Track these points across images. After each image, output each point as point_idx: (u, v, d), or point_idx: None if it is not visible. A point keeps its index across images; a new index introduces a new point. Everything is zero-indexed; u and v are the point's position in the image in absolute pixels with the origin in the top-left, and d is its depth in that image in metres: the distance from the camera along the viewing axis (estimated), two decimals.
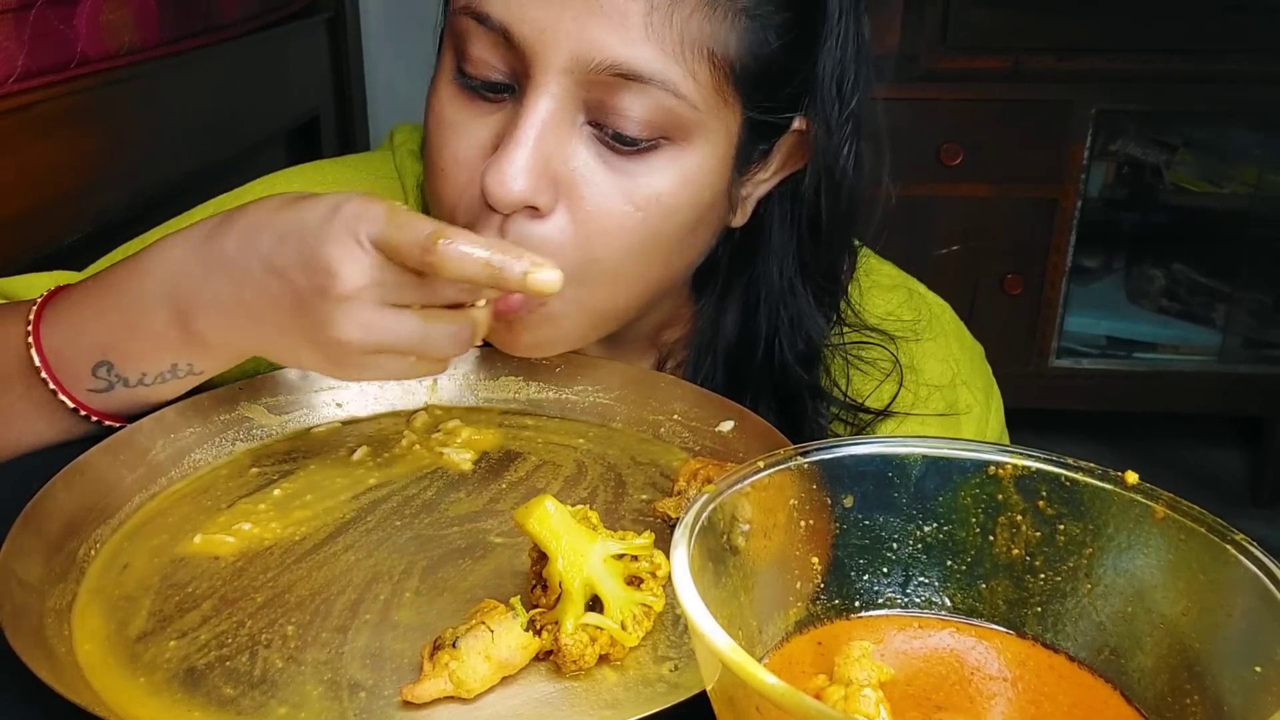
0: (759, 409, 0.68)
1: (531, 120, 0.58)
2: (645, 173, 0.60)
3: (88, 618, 0.50)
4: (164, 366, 0.59)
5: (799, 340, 0.72)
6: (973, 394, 0.79)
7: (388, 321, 0.53)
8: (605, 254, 0.62)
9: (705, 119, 0.60)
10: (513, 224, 0.60)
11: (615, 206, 0.60)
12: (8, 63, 1.00)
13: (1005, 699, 0.39)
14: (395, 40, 2.26)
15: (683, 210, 0.62)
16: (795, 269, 0.71)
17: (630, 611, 0.47)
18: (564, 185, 0.60)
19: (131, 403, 0.60)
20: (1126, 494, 0.39)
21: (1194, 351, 2.16)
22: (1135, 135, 2.14)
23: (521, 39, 0.57)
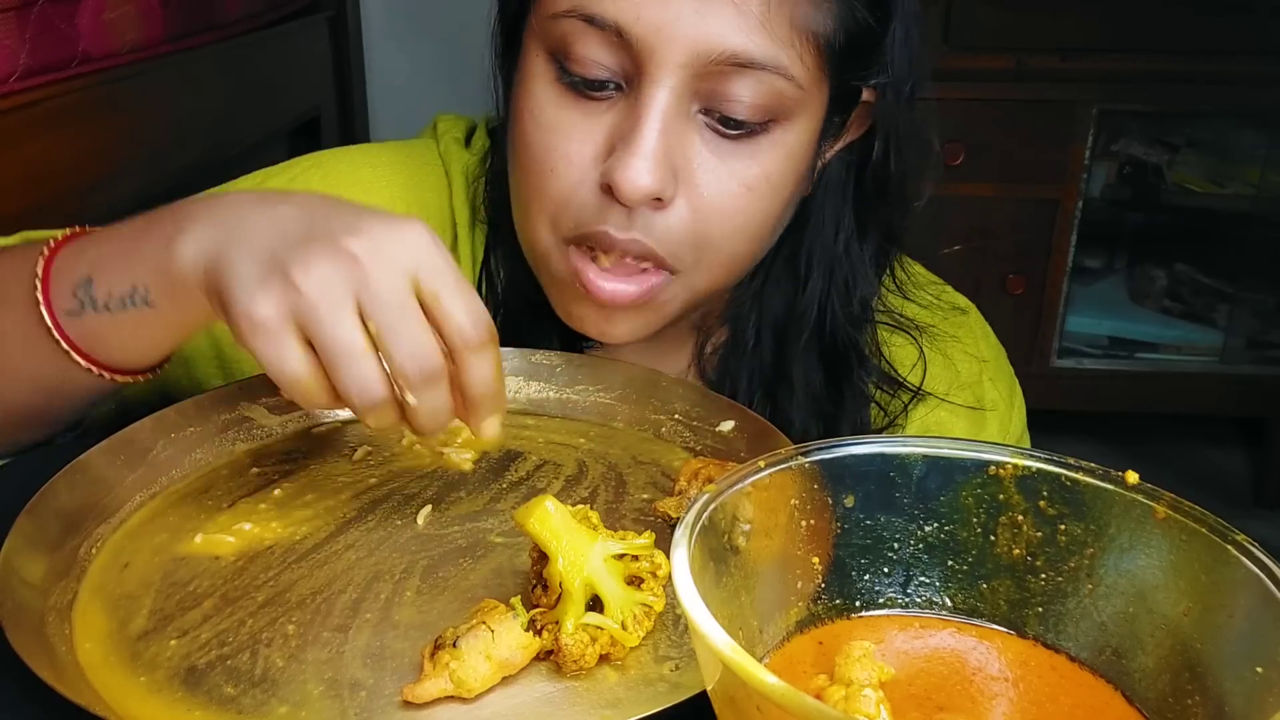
0: (805, 373, 0.72)
1: (653, 115, 0.60)
2: (753, 154, 0.63)
3: (88, 616, 0.50)
4: (125, 288, 0.55)
5: (852, 300, 0.74)
6: (998, 391, 0.81)
7: (344, 315, 0.49)
8: (719, 235, 0.64)
9: (807, 98, 0.62)
10: (638, 215, 0.62)
11: (730, 189, 0.63)
12: (10, 60, 1.00)
13: (1006, 699, 0.39)
14: (396, 39, 2.26)
15: (787, 185, 0.65)
16: (852, 230, 0.73)
17: (631, 611, 0.47)
18: (682, 175, 0.62)
19: (95, 335, 0.57)
20: (1128, 494, 0.39)
21: (1196, 352, 2.16)
22: (1137, 135, 2.14)
23: (638, 37, 0.59)
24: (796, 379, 0.74)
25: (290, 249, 0.49)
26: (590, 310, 0.67)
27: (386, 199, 0.74)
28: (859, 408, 0.75)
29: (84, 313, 0.57)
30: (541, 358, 0.71)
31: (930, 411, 0.77)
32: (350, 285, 0.49)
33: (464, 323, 0.50)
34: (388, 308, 0.49)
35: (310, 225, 0.51)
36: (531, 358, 0.71)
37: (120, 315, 0.56)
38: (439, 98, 0.71)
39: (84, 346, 0.58)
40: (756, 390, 0.75)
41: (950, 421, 0.77)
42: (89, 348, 0.58)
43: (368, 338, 0.49)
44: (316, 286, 0.48)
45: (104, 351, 0.58)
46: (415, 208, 0.75)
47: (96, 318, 0.56)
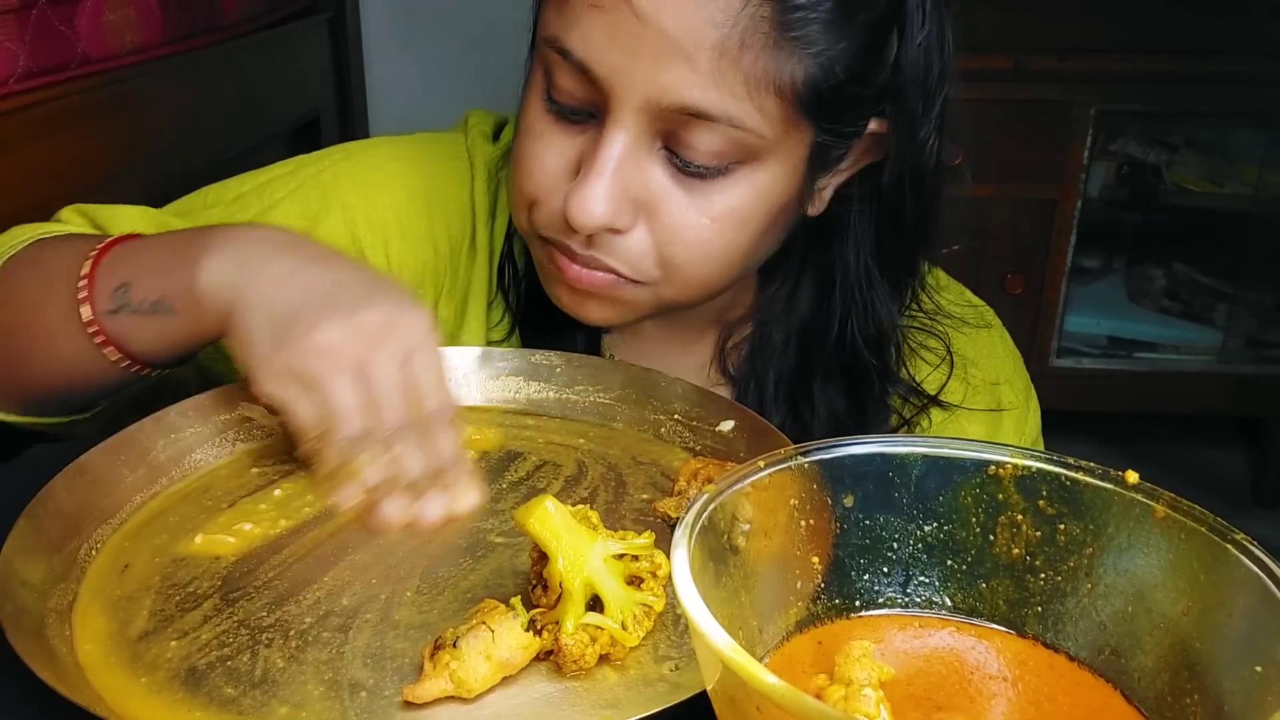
0: (827, 387, 0.74)
1: (609, 152, 0.62)
2: (719, 190, 0.64)
3: (89, 617, 0.50)
4: (155, 295, 0.61)
5: (870, 324, 0.75)
6: (1015, 393, 0.81)
7: (345, 377, 0.54)
8: (684, 262, 0.65)
9: (774, 143, 0.63)
10: (598, 239, 0.65)
11: (692, 220, 0.64)
12: (9, 63, 1.00)
13: (1005, 699, 0.39)
14: (396, 40, 2.26)
15: (756, 219, 0.65)
16: (872, 255, 0.73)
17: (631, 611, 0.47)
18: (642, 204, 0.64)
19: (121, 331, 0.62)
20: (1127, 494, 0.39)
21: (1195, 351, 2.16)
22: (1136, 135, 2.14)
23: (600, 78, 0.61)
24: (817, 392, 0.75)
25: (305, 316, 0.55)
26: (564, 291, 0.69)
27: (407, 192, 0.77)
28: (881, 422, 0.77)
29: (120, 314, 0.62)
30: (541, 358, 0.71)
31: (948, 418, 0.78)
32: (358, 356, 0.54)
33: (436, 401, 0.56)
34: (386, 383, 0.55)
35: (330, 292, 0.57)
36: (531, 358, 0.71)
37: (148, 318, 0.61)
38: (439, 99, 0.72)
39: (114, 341, 0.62)
40: (780, 395, 0.77)
41: (964, 428, 0.78)
42: (118, 343, 0.62)
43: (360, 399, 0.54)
44: (330, 358, 0.54)
45: (130, 347, 0.62)
46: (434, 198, 0.78)
47: (129, 319, 0.62)
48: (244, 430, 0.65)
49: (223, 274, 0.58)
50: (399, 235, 0.76)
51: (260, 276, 0.57)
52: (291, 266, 0.58)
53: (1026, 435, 0.81)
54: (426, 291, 0.78)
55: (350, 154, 0.80)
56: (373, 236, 0.76)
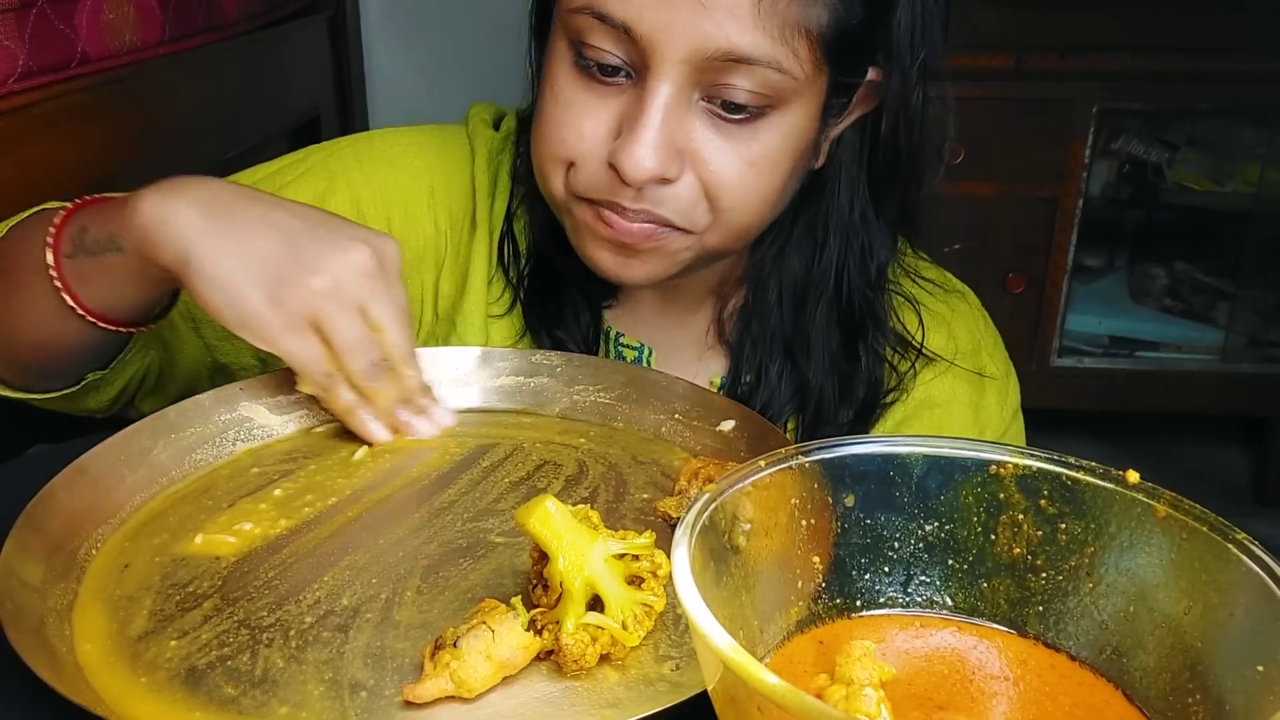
0: (823, 335, 0.77)
1: (655, 105, 0.65)
2: (754, 135, 0.67)
3: (88, 617, 0.49)
4: (105, 234, 0.65)
5: (870, 267, 0.78)
6: (996, 365, 0.84)
7: (351, 309, 0.62)
8: (728, 205, 0.69)
9: (803, 86, 0.66)
10: (647, 191, 0.67)
11: (734, 166, 0.67)
12: (8, 62, 1.00)
13: (1007, 698, 0.39)
14: (395, 39, 2.26)
15: (787, 162, 0.70)
16: (867, 200, 0.77)
17: (631, 611, 0.47)
18: (688, 154, 0.67)
19: (77, 275, 0.66)
20: (1128, 493, 0.39)
21: (1196, 350, 2.16)
22: (1137, 134, 2.14)
23: (642, 35, 0.63)
24: (815, 340, 0.78)
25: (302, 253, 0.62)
26: (607, 252, 0.71)
27: (410, 171, 0.81)
28: (874, 366, 0.79)
29: (76, 257, 0.66)
30: (541, 358, 0.71)
31: (937, 376, 0.81)
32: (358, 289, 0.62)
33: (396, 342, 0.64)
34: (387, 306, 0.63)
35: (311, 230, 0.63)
36: (532, 358, 0.71)
37: (100, 260, 0.65)
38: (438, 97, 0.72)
39: (70, 287, 0.66)
40: (777, 351, 0.79)
41: (953, 386, 0.81)
42: (74, 288, 0.66)
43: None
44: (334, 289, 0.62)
45: (85, 291, 0.66)
46: (436, 177, 0.82)
47: (84, 262, 0.66)
48: (244, 430, 0.65)
49: (175, 211, 0.62)
50: (401, 212, 0.80)
51: (227, 220, 0.62)
52: (259, 211, 0.63)
53: (1008, 406, 0.84)
54: (427, 266, 0.81)
55: (357, 140, 0.85)
56: (376, 211, 0.80)
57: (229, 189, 0.65)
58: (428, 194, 0.81)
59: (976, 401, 0.82)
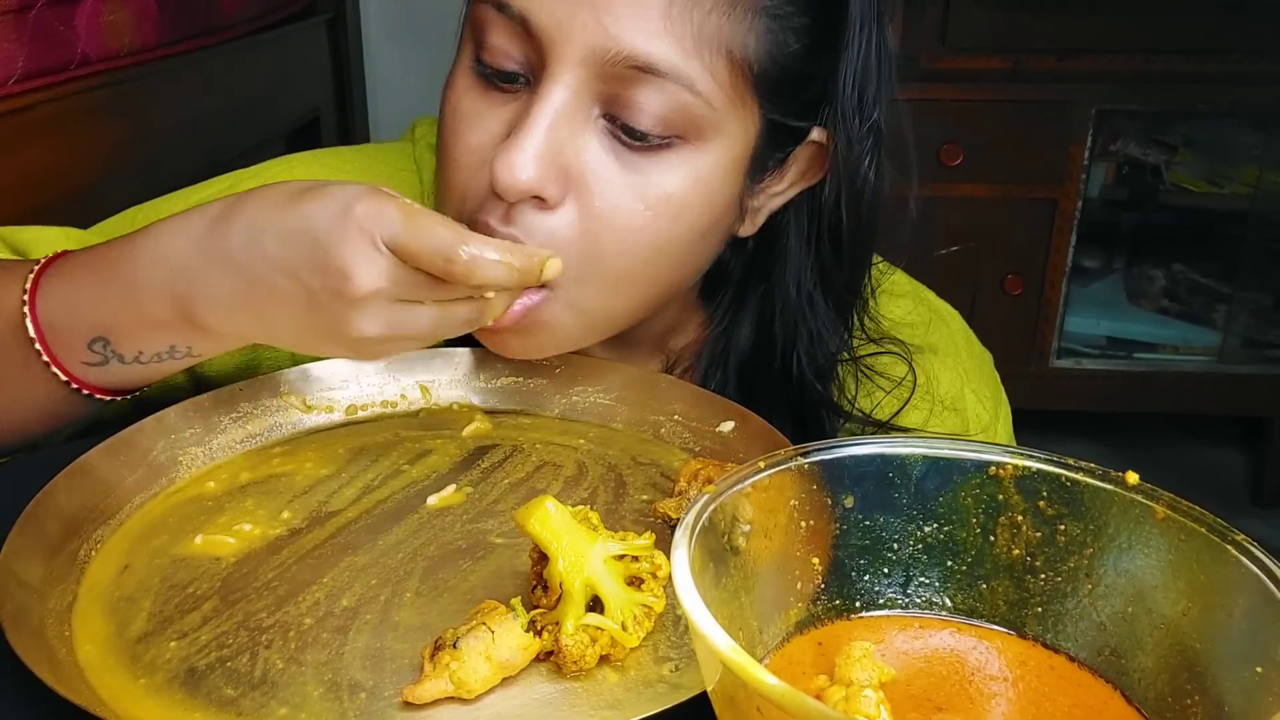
0: (773, 423, 0.68)
1: (544, 109, 0.58)
2: (657, 171, 0.60)
3: (88, 618, 0.49)
4: (162, 347, 0.58)
5: (818, 354, 0.71)
6: (981, 403, 0.78)
7: (405, 316, 0.54)
8: (612, 253, 0.61)
9: (721, 119, 0.60)
10: (519, 213, 0.60)
11: (625, 203, 0.60)
12: (8, 64, 1.00)
13: (1006, 699, 0.39)
14: (395, 40, 2.26)
15: (693, 212, 0.62)
16: (814, 281, 0.70)
17: (631, 612, 0.47)
18: (574, 179, 0.60)
19: (126, 378, 0.60)
20: (1127, 494, 0.39)
21: (1194, 352, 2.16)
22: (1135, 135, 2.14)
23: (539, 28, 0.58)
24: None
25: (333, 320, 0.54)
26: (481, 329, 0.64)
27: None
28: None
29: (109, 364, 0.59)
30: (540, 359, 0.71)
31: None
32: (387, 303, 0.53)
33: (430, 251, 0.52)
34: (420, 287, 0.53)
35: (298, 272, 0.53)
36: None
37: (156, 366, 0.59)
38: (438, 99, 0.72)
39: (107, 384, 0.60)
40: None
41: None
42: (115, 384, 0.61)
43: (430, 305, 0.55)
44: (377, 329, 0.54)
45: (127, 385, 0.61)
46: None
47: (125, 369, 0.59)
48: (244, 430, 0.65)
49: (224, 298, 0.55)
50: None
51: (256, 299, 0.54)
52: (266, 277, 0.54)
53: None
54: None
55: (293, 166, 0.77)
56: None
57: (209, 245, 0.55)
58: None
59: None
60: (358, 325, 0.53)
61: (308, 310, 0.54)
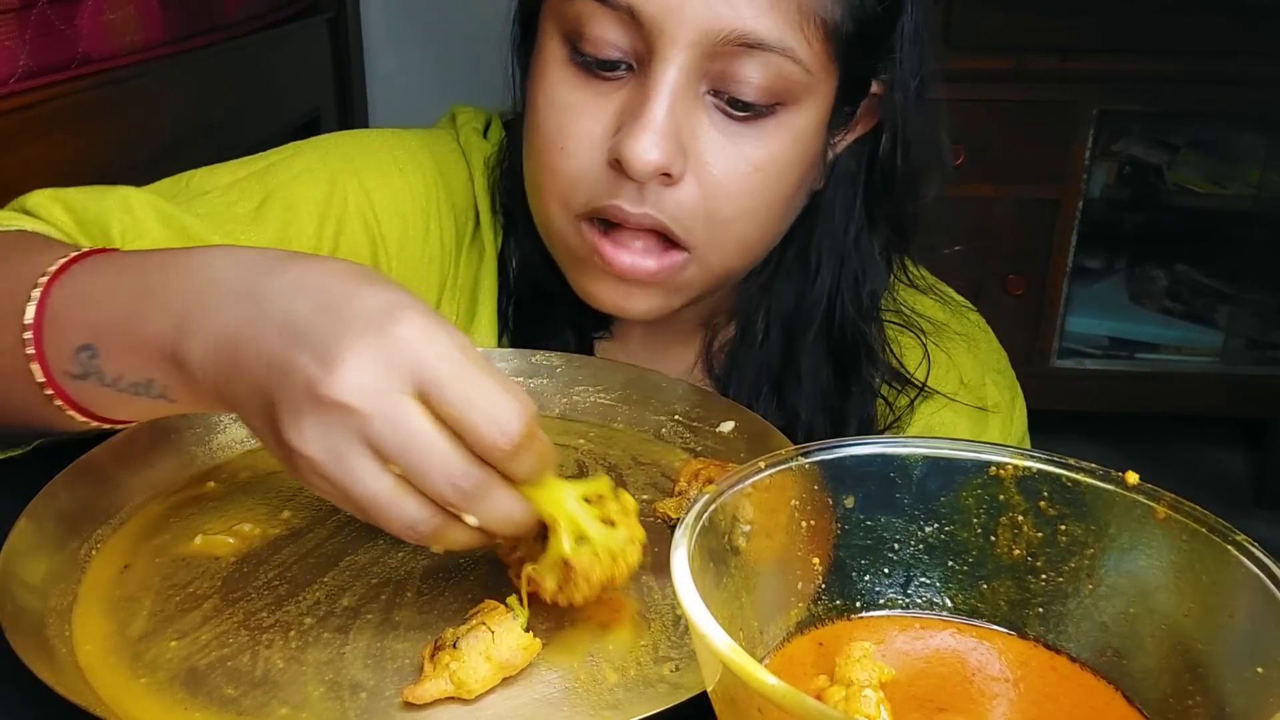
0: (813, 367, 0.74)
1: (662, 92, 0.61)
2: (762, 137, 0.64)
3: (88, 618, 0.49)
4: (141, 377, 0.50)
5: (863, 294, 0.75)
6: (1000, 392, 0.81)
7: (357, 466, 0.44)
8: (729, 214, 0.65)
9: (814, 83, 0.64)
10: (649, 191, 0.63)
11: (739, 169, 0.64)
12: (10, 62, 1.00)
13: (1007, 700, 0.39)
14: (396, 40, 2.26)
15: (794, 170, 0.66)
16: (862, 223, 0.74)
17: (618, 544, 0.47)
18: (691, 154, 0.63)
19: (97, 403, 0.52)
20: (1128, 495, 0.39)
21: (1196, 352, 2.16)
22: (1138, 136, 2.14)
23: (649, 17, 0.60)
24: (804, 373, 0.75)
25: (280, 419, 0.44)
26: (607, 286, 0.68)
27: (409, 185, 0.74)
28: (866, 402, 0.76)
29: (88, 380, 0.51)
30: (541, 358, 0.71)
31: (935, 412, 0.78)
32: (353, 439, 0.43)
33: (490, 433, 0.44)
34: (401, 448, 0.43)
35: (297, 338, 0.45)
36: (532, 358, 0.71)
37: (130, 398, 0.51)
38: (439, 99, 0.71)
39: (80, 401, 0.53)
40: (764, 385, 0.76)
41: (954, 421, 0.78)
42: (86, 404, 0.53)
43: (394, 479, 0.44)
44: (316, 449, 0.44)
45: (98, 412, 0.53)
46: (440, 192, 0.76)
47: (102, 390, 0.51)
48: (244, 431, 0.65)
49: (215, 331, 0.47)
50: (411, 222, 0.73)
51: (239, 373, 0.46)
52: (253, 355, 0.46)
53: (1012, 436, 0.81)
54: (431, 286, 0.76)
55: (358, 139, 0.76)
56: (389, 220, 0.73)
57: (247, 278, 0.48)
58: (434, 208, 0.75)
59: (978, 435, 0.78)
60: (303, 433, 0.43)
61: (275, 382, 0.45)
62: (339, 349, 0.43)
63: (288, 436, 0.44)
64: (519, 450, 0.44)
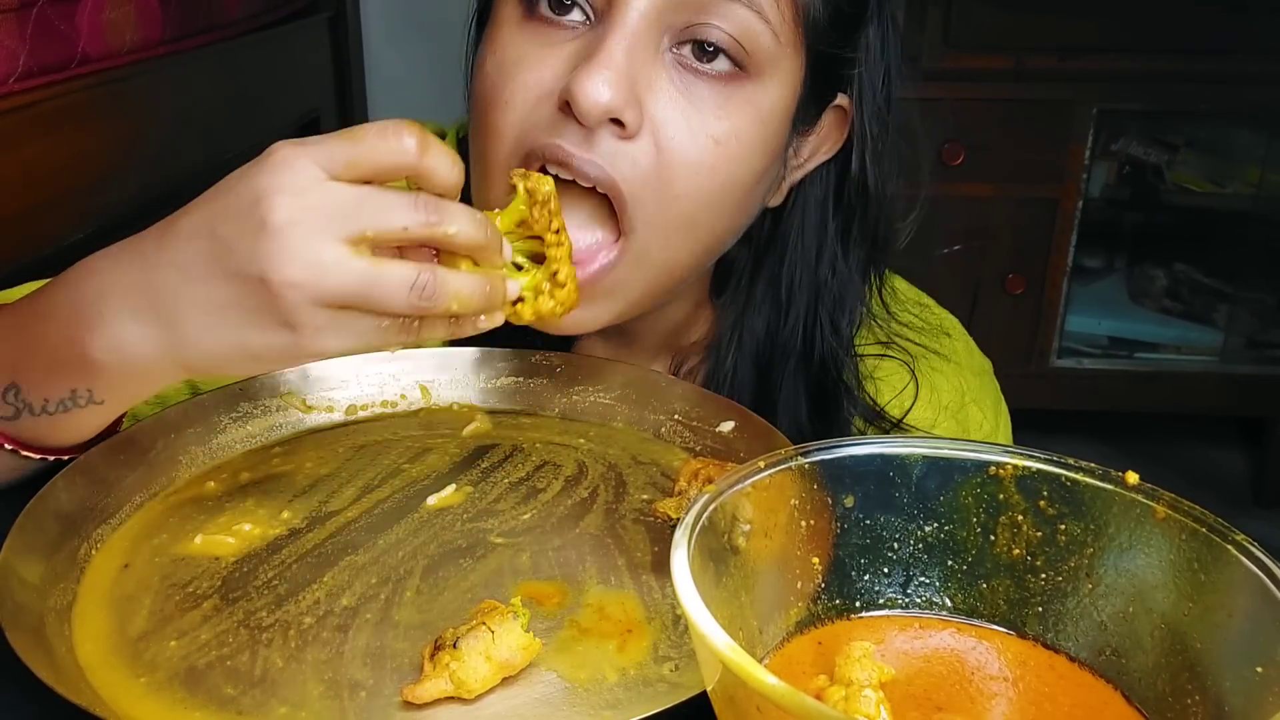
0: (791, 405, 0.70)
1: (621, 34, 0.58)
2: (725, 106, 0.61)
3: (88, 617, 0.49)
4: (63, 393, 0.53)
5: (842, 321, 0.72)
6: (983, 413, 0.79)
7: (335, 255, 0.46)
8: (683, 191, 0.61)
9: (779, 56, 0.61)
10: (600, 138, 0.59)
11: (698, 138, 0.61)
12: (9, 61, 1.00)
13: (1006, 699, 0.39)
14: (396, 39, 2.26)
15: (755, 153, 0.63)
16: (837, 245, 0.71)
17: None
18: (648, 111, 0.60)
19: (37, 434, 0.55)
20: (1127, 494, 0.39)
21: (1196, 351, 2.16)
22: (1137, 135, 2.14)
23: None
24: (780, 411, 0.72)
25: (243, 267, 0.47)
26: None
27: None
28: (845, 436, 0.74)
29: (20, 418, 0.54)
30: (541, 358, 0.71)
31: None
32: (313, 236, 0.46)
33: (393, 151, 0.48)
34: (348, 211, 0.47)
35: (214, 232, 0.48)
36: (532, 358, 0.71)
37: (62, 416, 0.54)
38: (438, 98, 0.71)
39: (23, 439, 0.56)
40: None
41: None
42: (30, 440, 0.56)
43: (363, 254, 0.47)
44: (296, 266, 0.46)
45: (44, 441, 0.56)
46: None
47: (34, 420, 0.54)
48: (244, 430, 0.65)
49: (135, 333, 0.50)
50: None
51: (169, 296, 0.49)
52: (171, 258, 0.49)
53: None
54: None
55: None
56: None
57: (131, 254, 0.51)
58: None
59: None
60: (281, 265, 0.46)
61: (225, 273, 0.47)
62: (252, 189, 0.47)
63: (277, 280, 0.46)
64: (425, 149, 0.48)
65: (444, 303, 0.49)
